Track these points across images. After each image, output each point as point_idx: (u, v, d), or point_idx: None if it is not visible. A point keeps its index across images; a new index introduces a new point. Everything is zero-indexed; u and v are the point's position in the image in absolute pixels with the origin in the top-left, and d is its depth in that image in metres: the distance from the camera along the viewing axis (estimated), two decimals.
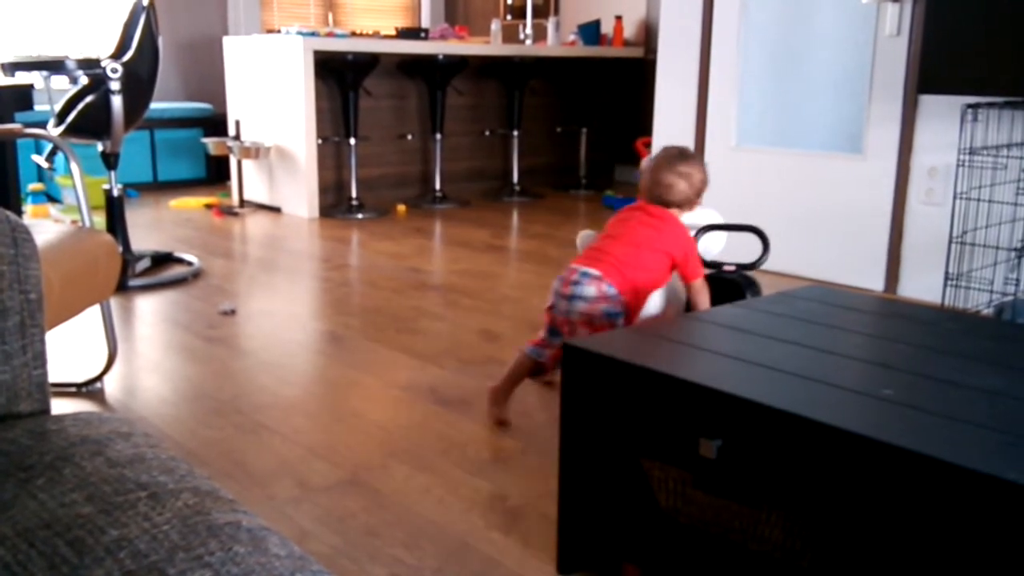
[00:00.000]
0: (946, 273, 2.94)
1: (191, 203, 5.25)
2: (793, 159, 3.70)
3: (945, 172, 3.24)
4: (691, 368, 1.33)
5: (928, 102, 3.27)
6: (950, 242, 2.93)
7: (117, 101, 3.30)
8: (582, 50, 5.88)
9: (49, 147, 3.85)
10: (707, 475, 1.27)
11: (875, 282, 3.49)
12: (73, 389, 2.35)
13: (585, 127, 6.11)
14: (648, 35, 6.17)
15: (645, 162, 2.40)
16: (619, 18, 6.12)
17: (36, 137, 2.50)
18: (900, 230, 3.40)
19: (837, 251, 3.59)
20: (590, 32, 6.13)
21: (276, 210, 5.18)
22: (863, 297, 1.78)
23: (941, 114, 3.24)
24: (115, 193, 3.52)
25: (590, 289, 2.03)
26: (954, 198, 2.93)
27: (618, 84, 6.32)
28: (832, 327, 1.56)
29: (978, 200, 2.98)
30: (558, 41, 6.08)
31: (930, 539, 1.05)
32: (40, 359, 0.99)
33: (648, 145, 5.03)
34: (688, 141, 4.02)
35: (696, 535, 1.31)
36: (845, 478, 1.12)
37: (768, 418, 1.18)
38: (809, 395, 1.23)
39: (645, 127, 5.80)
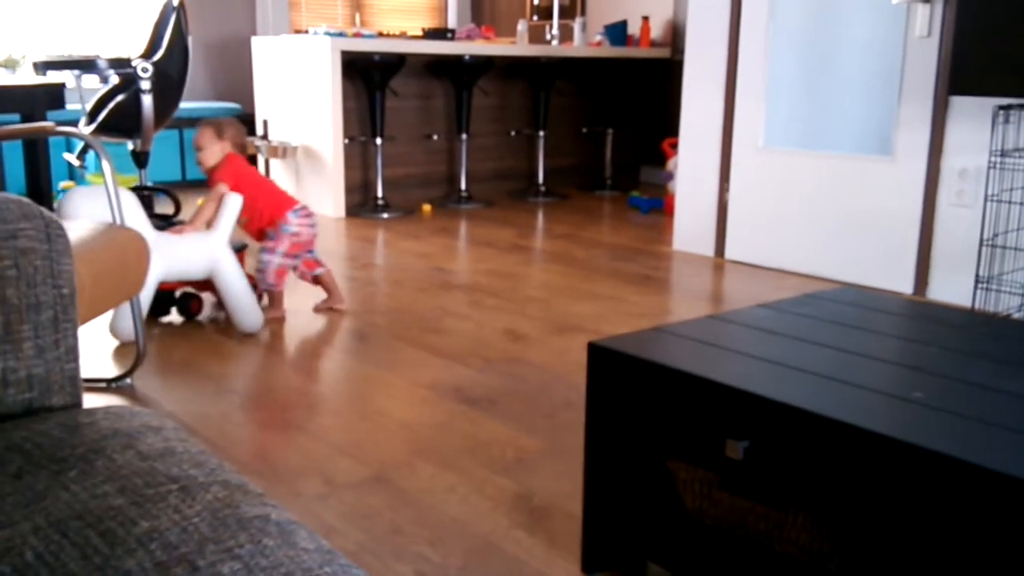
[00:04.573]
0: (977, 276, 2.91)
1: None
2: (821, 161, 3.67)
3: (976, 174, 3.20)
4: (718, 369, 1.32)
5: (959, 103, 3.23)
6: (981, 245, 2.89)
7: (147, 100, 3.34)
8: (608, 51, 5.86)
9: (80, 145, 3.90)
10: (733, 476, 1.27)
11: (904, 285, 3.45)
12: (103, 385, 2.38)
13: (611, 128, 6.09)
14: (675, 36, 6.15)
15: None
16: (646, 19, 6.10)
17: (68, 135, 2.53)
18: (930, 232, 3.36)
19: (866, 253, 3.56)
20: (617, 32, 6.12)
21: None
22: (892, 299, 1.76)
23: (972, 115, 3.20)
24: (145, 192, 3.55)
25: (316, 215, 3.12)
26: (985, 200, 2.89)
27: (644, 85, 6.31)
28: (861, 329, 1.55)
29: (1009, 202, 2.94)
30: (584, 42, 6.07)
31: (959, 544, 1.04)
32: (72, 353, 1.01)
33: (675, 146, 5.01)
34: (715, 141, 4.00)
35: (722, 536, 1.31)
36: (874, 481, 1.11)
37: (796, 420, 1.17)
38: (838, 397, 1.21)
39: (671, 128, 5.78)
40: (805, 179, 3.72)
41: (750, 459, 1.24)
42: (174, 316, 3.02)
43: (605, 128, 6.11)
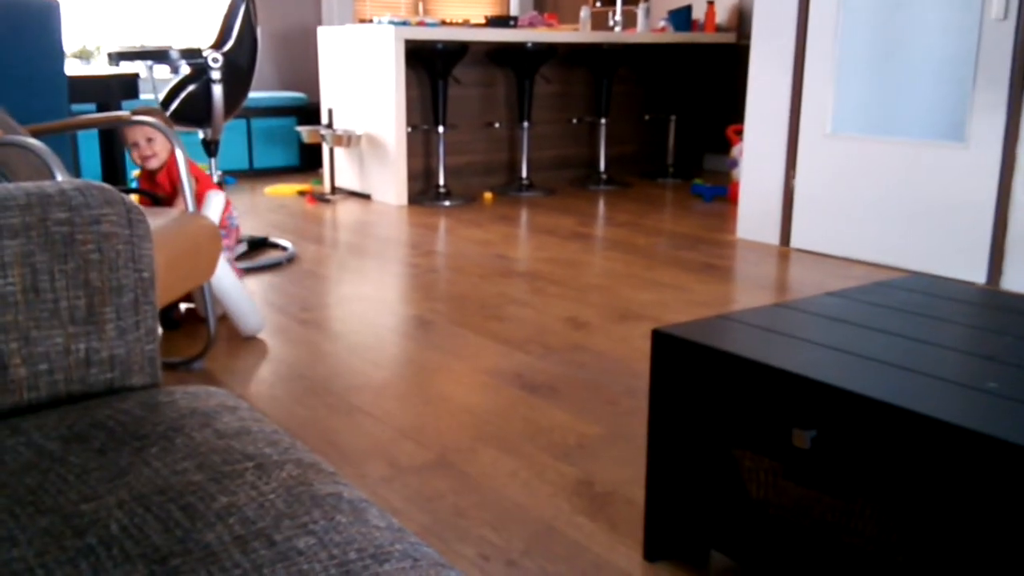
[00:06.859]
0: None
1: (285, 190, 5.39)
2: (891, 147, 3.58)
3: None
4: (785, 357, 1.31)
5: None
6: None
7: (218, 90, 3.41)
8: (672, 36, 5.80)
9: None
10: (799, 466, 1.25)
11: (977, 274, 3.35)
12: (175, 367, 2.45)
13: (674, 115, 6.03)
14: (741, 20, 6.05)
15: None
16: (711, 3, 6.01)
17: (144, 125, 2.60)
18: (1004, 221, 3.26)
19: (937, 242, 3.47)
20: (681, 18, 6.04)
21: (366, 197, 5.27)
22: (965, 288, 1.72)
23: None
24: (215, 179, 3.64)
25: None
26: None
27: (709, 70, 6.22)
28: (933, 318, 1.51)
29: None
30: (648, 28, 6.01)
31: None
32: (152, 335, 1.04)
33: (739, 132, 4.94)
34: (781, 128, 3.93)
35: (786, 526, 1.29)
36: (945, 472, 1.09)
37: (865, 409, 1.16)
38: (909, 386, 1.19)
39: (736, 114, 5.70)
40: (874, 166, 3.64)
41: (817, 448, 1.22)
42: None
43: (668, 115, 6.05)
